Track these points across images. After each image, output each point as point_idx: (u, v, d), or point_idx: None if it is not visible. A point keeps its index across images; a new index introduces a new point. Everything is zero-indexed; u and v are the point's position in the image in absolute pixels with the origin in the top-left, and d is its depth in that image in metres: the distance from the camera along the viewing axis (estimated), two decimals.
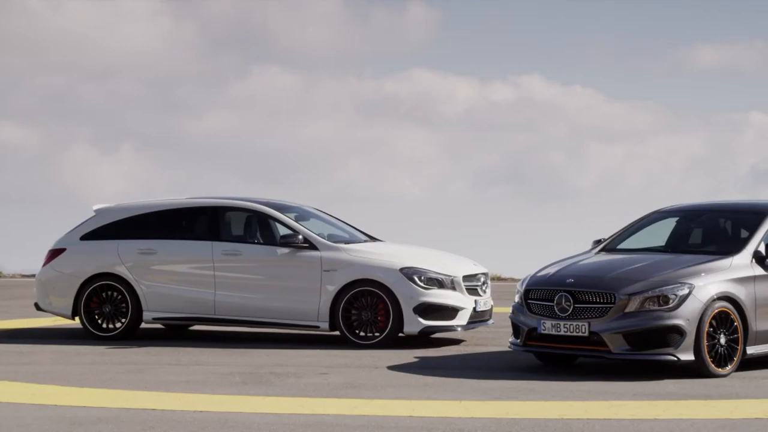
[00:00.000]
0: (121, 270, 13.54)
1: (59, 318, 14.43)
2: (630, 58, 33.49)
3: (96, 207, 14.09)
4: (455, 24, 33.80)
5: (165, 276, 13.46)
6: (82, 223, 14.03)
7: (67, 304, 13.68)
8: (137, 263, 13.53)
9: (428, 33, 33.13)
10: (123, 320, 13.54)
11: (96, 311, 13.63)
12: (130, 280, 13.51)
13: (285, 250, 13.11)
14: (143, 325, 13.84)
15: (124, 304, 13.54)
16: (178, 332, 14.44)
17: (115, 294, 13.57)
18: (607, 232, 11.88)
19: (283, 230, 13.36)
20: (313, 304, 12.90)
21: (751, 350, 10.56)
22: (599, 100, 34.07)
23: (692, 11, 33.17)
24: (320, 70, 35.03)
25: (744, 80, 34.10)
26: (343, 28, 33.86)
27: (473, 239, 32.88)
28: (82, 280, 13.64)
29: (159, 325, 14.35)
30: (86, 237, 13.88)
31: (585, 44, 34.10)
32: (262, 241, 13.38)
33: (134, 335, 13.60)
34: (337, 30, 33.77)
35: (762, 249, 10.80)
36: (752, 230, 11.01)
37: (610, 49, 33.61)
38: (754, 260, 10.72)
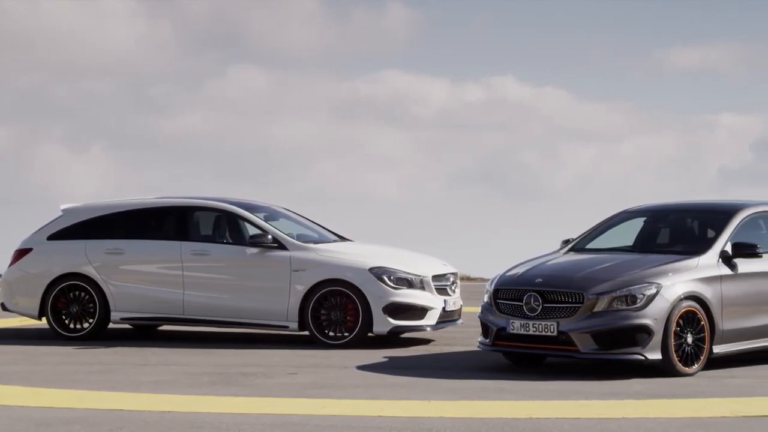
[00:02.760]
0: (89, 270, 13.47)
1: (26, 318, 14.33)
2: (603, 59, 33.69)
3: (63, 207, 14.01)
4: (434, 25, 33.88)
5: (133, 276, 13.40)
6: (49, 223, 13.95)
7: (34, 304, 13.59)
8: (105, 263, 13.46)
9: (406, 34, 33.18)
10: (91, 320, 13.47)
11: (63, 311, 13.54)
12: (97, 280, 13.44)
13: (254, 250, 13.08)
14: (111, 326, 13.77)
15: (91, 305, 13.47)
16: (146, 332, 14.38)
17: (82, 294, 13.50)
18: (579, 233, 11.94)
19: (252, 230, 13.33)
20: (282, 304, 12.88)
21: (717, 349, 10.64)
22: (572, 100, 34.24)
23: (666, 12, 33.41)
24: (297, 71, 35.00)
25: (717, 81, 34.40)
26: (321, 28, 33.86)
27: (446, 239, 32.96)
28: (49, 280, 13.55)
29: (127, 326, 14.28)
30: (53, 237, 13.79)
31: (558, 45, 34.27)
32: (231, 241, 13.34)
33: (102, 335, 13.52)
34: (315, 30, 33.77)
35: (729, 249, 10.88)
36: (719, 230, 11.09)
37: (584, 50, 33.80)
38: (720, 260, 10.80)
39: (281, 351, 12.42)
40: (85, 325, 13.50)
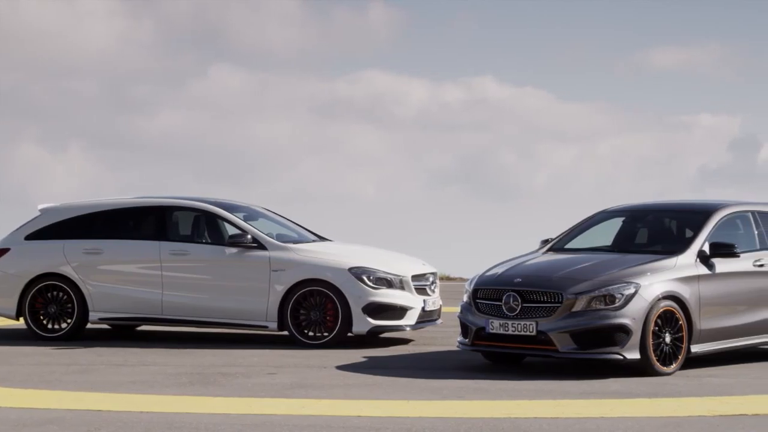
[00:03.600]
0: (67, 270, 13.42)
1: (3, 318, 14.25)
2: (583, 60, 33.79)
3: (41, 206, 13.94)
4: (415, 25, 33.90)
5: (111, 276, 13.36)
6: (26, 223, 13.88)
7: (11, 304, 13.52)
8: (83, 263, 13.41)
9: (387, 34, 33.19)
10: (69, 321, 13.42)
11: (41, 312, 13.48)
12: (75, 280, 13.39)
13: (233, 250, 13.05)
14: (89, 326, 13.72)
15: (69, 305, 13.41)
16: (124, 332, 14.33)
17: (60, 294, 13.44)
18: (558, 232, 11.97)
19: (231, 230, 13.31)
20: (261, 304, 12.86)
21: (695, 349, 10.69)
22: (551, 101, 34.33)
23: (645, 13, 33.54)
24: (277, 70, 34.94)
25: (696, 82, 34.56)
26: (302, 28, 33.82)
27: (425, 239, 32.98)
28: (26, 280, 13.49)
29: (105, 326, 14.23)
30: (31, 237, 13.73)
31: (538, 46, 34.35)
32: (210, 241, 13.31)
33: (80, 336, 13.47)
34: (297, 30, 33.73)
35: (706, 248, 10.93)
36: (697, 230, 11.15)
37: (564, 51, 33.89)
38: (698, 260, 10.86)
39: (260, 351, 12.40)
40: (63, 325, 13.45)
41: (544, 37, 34.21)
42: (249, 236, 13.02)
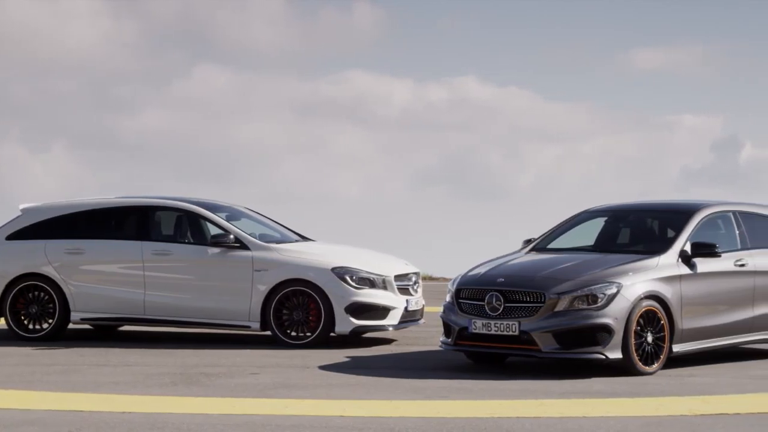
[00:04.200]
0: (48, 270, 13.36)
1: None
2: (567, 60, 33.88)
3: (22, 206, 13.88)
4: (399, 25, 33.92)
5: (93, 276, 13.31)
6: (7, 223, 13.82)
7: None
8: (65, 263, 13.36)
9: (372, 34, 33.19)
10: (50, 321, 13.37)
11: (22, 312, 13.43)
12: (57, 281, 13.34)
13: (216, 250, 13.03)
14: (71, 326, 13.67)
15: (51, 305, 13.36)
16: (106, 333, 14.29)
17: (41, 294, 13.39)
18: (541, 232, 11.99)
19: (214, 230, 13.28)
20: (244, 304, 12.84)
21: (677, 348, 10.73)
22: (536, 101, 34.40)
23: (629, 14, 33.65)
24: (262, 70, 34.90)
25: (679, 83, 34.70)
26: (287, 28, 33.79)
27: (409, 239, 32.99)
28: (7, 280, 13.43)
29: (87, 326, 14.18)
30: (12, 237, 13.67)
31: (522, 46, 34.42)
32: (192, 241, 13.28)
33: (62, 336, 13.42)
34: (282, 30, 33.69)
35: (688, 248, 10.97)
36: (678, 230, 11.19)
37: (548, 51, 33.97)
38: (680, 259, 10.89)
39: (243, 351, 12.38)
40: (45, 325, 13.39)
41: (528, 38, 34.29)
42: (232, 236, 13.00)
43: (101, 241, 13.41)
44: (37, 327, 13.42)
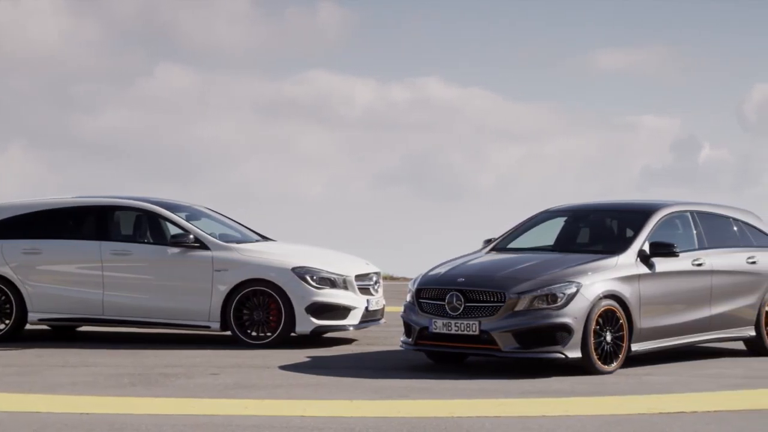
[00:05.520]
0: (5, 270, 13.24)
1: None
2: (529, 61, 34.04)
3: None
4: (365, 25, 33.91)
5: (51, 276, 13.21)
6: None
7: None
8: (22, 263, 13.24)
9: (337, 34, 33.16)
10: (7, 321, 13.26)
11: None
12: (14, 281, 13.22)
13: (175, 250, 12.96)
14: (28, 327, 13.55)
15: (8, 305, 13.25)
16: (64, 333, 14.17)
17: None
18: (503, 232, 12.02)
19: (173, 230, 13.22)
20: (204, 304, 12.79)
21: (635, 347, 10.81)
22: (498, 101, 34.52)
23: (591, 15, 33.85)
24: (226, 70, 34.78)
25: (640, 83, 34.98)
26: (252, 27, 33.67)
27: (370, 239, 33.00)
28: None
29: (45, 327, 14.06)
30: None
31: (484, 46, 34.53)
32: (152, 241, 13.21)
33: (19, 337, 13.30)
34: (247, 30, 33.58)
35: (646, 248, 11.06)
36: (637, 230, 11.27)
37: (510, 52, 34.10)
38: (638, 259, 10.98)
39: (203, 351, 12.33)
40: (1, 326, 13.27)
41: (491, 38, 34.41)
42: (191, 236, 12.94)
43: (59, 241, 13.31)
44: None
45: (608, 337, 10.52)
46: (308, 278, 12.68)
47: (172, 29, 33.51)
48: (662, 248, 11.05)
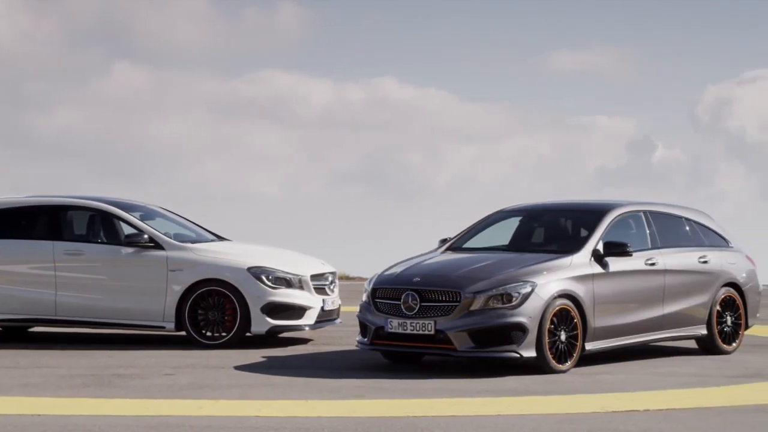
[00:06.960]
0: None
1: None
2: (485, 61, 34.17)
3: None
4: (323, 25, 33.87)
5: (3, 276, 13.06)
6: None
7: None
8: None
9: (295, 34, 33.09)
10: None
11: None
12: None
13: (130, 250, 12.87)
14: None
15: None
16: (16, 334, 14.02)
17: None
18: (458, 232, 12.06)
19: (128, 229, 13.12)
20: (158, 304, 12.72)
21: (589, 346, 10.88)
22: (453, 101, 34.63)
23: (546, 16, 34.07)
24: (183, 69, 34.57)
25: (594, 84, 35.23)
26: (210, 27, 33.52)
27: (326, 238, 32.97)
28: None
29: None
30: None
31: (440, 47, 34.62)
32: (105, 241, 13.11)
33: None
34: (205, 29, 33.42)
35: (600, 248, 11.14)
36: (591, 229, 11.35)
37: (466, 52, 34.23)
38: (593, 259, 11.05)
39: (157, 352, 12.25)
40: None
41: (446, 39, 34.52)
42: (146, 236, 12.86)
43: (11, 241, 13.16)
44: None
45: (563, 337, 10.59)
46: (264, 278, 12.64)
47: (130, 28, 33.30)
48: (616, 248, 11.14)
